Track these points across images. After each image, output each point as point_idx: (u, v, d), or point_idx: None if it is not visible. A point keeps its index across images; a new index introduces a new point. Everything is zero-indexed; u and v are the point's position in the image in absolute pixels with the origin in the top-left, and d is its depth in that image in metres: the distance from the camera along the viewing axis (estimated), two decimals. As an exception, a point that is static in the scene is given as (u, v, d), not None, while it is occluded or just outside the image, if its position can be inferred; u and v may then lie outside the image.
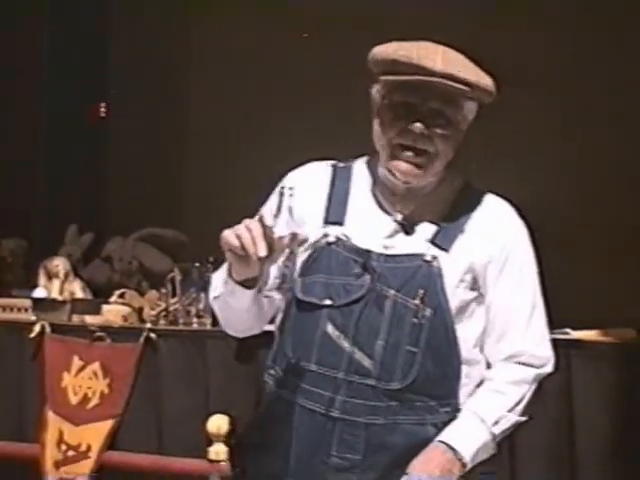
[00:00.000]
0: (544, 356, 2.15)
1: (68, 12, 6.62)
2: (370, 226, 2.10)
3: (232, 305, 2.09)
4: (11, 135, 6.31)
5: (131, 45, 6.74)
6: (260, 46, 6.25)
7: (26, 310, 4.18)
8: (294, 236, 1.93)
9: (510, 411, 2.08)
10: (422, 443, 2.03)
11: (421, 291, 2.02)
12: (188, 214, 6.30)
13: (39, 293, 4.25)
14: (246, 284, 2.01)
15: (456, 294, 2.06)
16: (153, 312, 4.06)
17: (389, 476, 2.02)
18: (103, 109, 7.09)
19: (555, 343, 3.25)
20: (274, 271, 2.10)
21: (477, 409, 2.06)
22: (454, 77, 1.99)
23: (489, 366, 2.14)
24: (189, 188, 6.67)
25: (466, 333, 2.08)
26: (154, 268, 4.89)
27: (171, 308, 4.00)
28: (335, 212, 2.12)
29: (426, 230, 2.09)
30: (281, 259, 2.03)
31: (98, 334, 3.88)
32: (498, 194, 2.20)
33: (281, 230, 2.02)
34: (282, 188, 2.12)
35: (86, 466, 3.75)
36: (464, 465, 2.03)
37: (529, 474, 3.27)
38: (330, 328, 2.03)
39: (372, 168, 2.18)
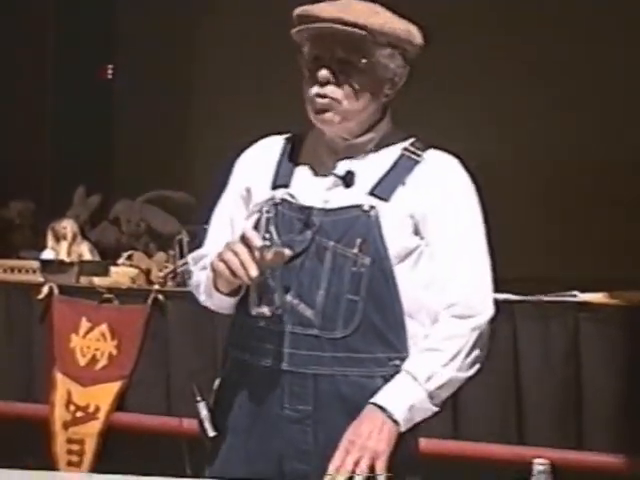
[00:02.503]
0: (481, 305, 2.13)
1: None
2: (313, 184, 2.15)
3: (223, 305, 2.19)
4: (18, 99, 6.31)
5: (136, 9, 6.72)
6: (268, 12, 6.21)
7: (34, 272, 4.19)
8: (278, 253, 1.98)
9: (445, 366, 2.07)
10: (372, 396, 2.05)
11: (359, 240, 2.06)
12: (196, 176, 6.29)
13: (47, 255, 4.26)
14: (233, 293, 2.10)
15: (397, 241, 2.08)
16: (161, 274, 4.07)
17: (342, 428, 2.03)
18: (110, 71, 7.07)
19: (563, 305, 3.31)
20: None
21: (409, 367, 2.07)
22: (342, 20, 2.05)
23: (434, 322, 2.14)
24: (196, 150, 6.66)
25: (410, 282, 2.10)
26: (162, 230, 4.90)
27: (179, 270, 4.00)
28: (282, 176, 2.17)
29: (366, 184, 2.13)
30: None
31: (106, 296, 3.89)
32: (445, 149, 2.22)
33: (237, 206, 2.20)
34: (261, 208, 2.12)
35: (95, 427, 3.77)
36: (396, 422, 2.02)
37: (536, 435, 3.28)
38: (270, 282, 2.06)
39: (321, 132, 2.22)
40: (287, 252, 2.00)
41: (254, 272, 1.94)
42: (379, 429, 2.00)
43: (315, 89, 2.10)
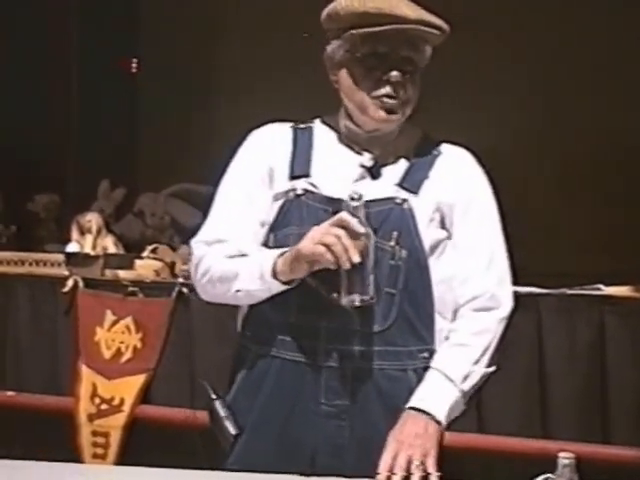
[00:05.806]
0: (503, 297, 2.15)
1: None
2: (337, 175, 2.13)
3: (258, 295, 2.11)
4: (44, 92, 6.33)
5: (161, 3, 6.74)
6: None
7: (59, 265, 4.20)
8: (366, 241, 1.97)
9: (476, 364, 2.08)
10: (406, 389, 2.06)
11: (395, 233, 2.07)
12: (220, 169, 6.29)
13: (72, 248, 4.27)
14: (289, 282, 2.05)
15: (428, 233, 2.10)
16: (185, 267, 4.07)
17: (378, 421, 2.05)
18: (134, 64, 7.09)
19: (587, 299, 3.29)
20: None
21: (443, 367, 2.07)
22: (428, 22, 2.05)
23: (455, 316, 2.15)
24: (221, 143, 6.66)
25: (437, 275, 2.11)
26: (186, 223, 4.91)
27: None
28: (300, 166, 2.15)
29: (392, 175, 2.14)
30: None
31: (131, 289, 3.90)
32: (457, 143, 2.25)
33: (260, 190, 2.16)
34: (352, 197, 2.05)
35: (120, 419, 3.78)
36: (439, 423, 2.03)
37: (560, 428, 3.26)
38: (308, 278, 2.04)
39: (331, 124, 2.22)
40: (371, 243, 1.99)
41: (357, 258, 1.93)
42: (424, 429, 2.01)
43: (386, 90, 2.09)
